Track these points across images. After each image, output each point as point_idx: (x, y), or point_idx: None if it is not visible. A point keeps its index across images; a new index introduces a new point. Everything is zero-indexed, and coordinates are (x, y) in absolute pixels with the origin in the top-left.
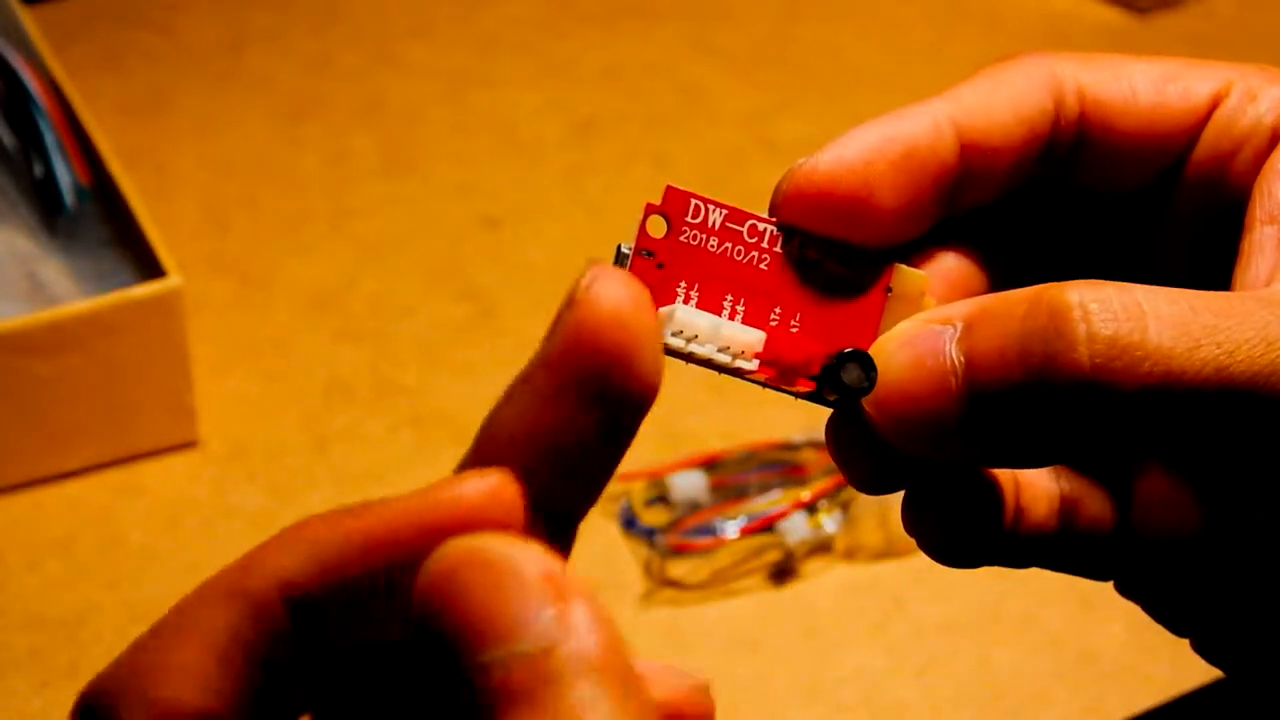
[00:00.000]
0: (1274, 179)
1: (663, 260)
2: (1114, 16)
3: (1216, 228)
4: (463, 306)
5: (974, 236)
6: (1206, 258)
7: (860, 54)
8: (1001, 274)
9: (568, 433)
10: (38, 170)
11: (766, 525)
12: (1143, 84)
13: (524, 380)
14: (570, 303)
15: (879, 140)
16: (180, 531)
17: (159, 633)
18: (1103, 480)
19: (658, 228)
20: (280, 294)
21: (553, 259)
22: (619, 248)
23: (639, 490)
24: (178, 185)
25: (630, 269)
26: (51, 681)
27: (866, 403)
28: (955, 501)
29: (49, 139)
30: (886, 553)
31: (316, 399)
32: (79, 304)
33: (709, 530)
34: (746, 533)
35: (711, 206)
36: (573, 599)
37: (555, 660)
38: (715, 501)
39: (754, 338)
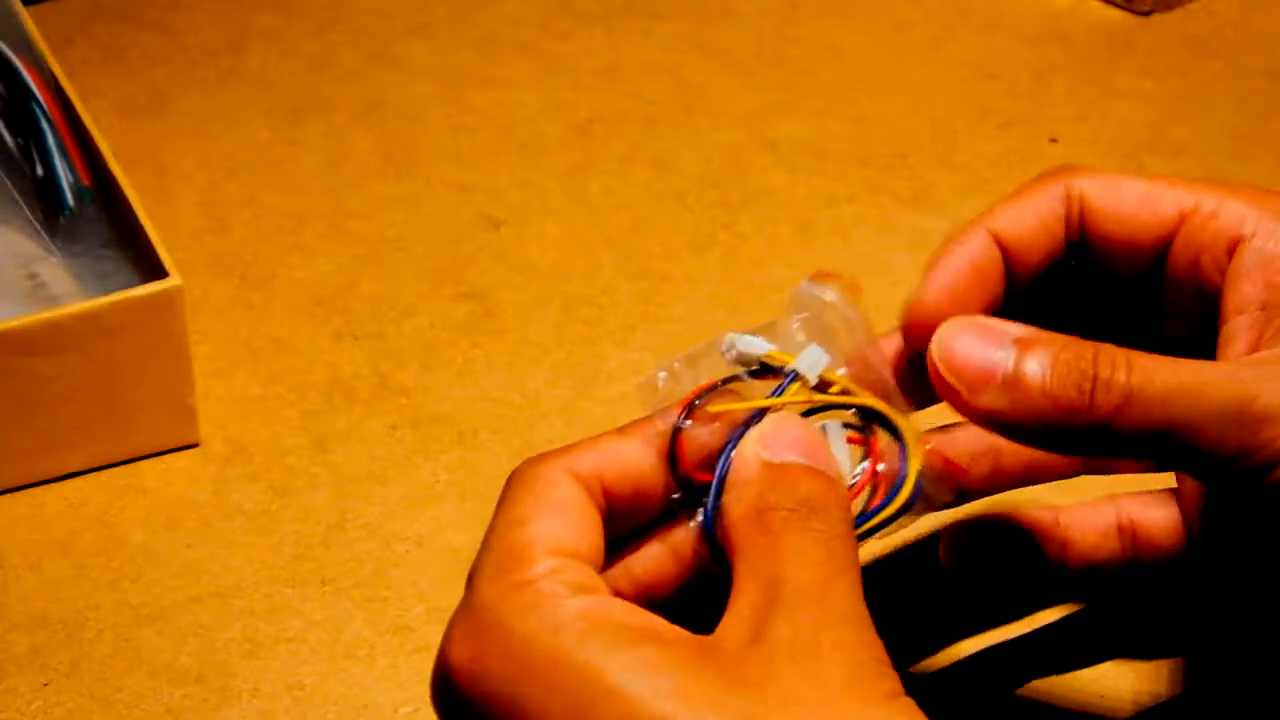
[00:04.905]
0: (1238, 279)
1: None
2: (1114, 16)
3: (1200, 306)
4: (463, 306)
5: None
6: (1198, 328)
7: (860, 54)
8: None
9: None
10: (38, 170)
11: None
12: (1129, 198)
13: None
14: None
15: (959, 266)
16: (180, 531)
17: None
18: (1166, 508)
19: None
20: (280, 294)
21: (553, 259)
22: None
23: None
24: (178, 185)
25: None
26: (52, 681)
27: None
28: (997, 537)
29: (49, 139)
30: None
31: (316, 399)
32: (79, 304)
33: None
34: None
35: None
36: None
37: None
38: None
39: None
